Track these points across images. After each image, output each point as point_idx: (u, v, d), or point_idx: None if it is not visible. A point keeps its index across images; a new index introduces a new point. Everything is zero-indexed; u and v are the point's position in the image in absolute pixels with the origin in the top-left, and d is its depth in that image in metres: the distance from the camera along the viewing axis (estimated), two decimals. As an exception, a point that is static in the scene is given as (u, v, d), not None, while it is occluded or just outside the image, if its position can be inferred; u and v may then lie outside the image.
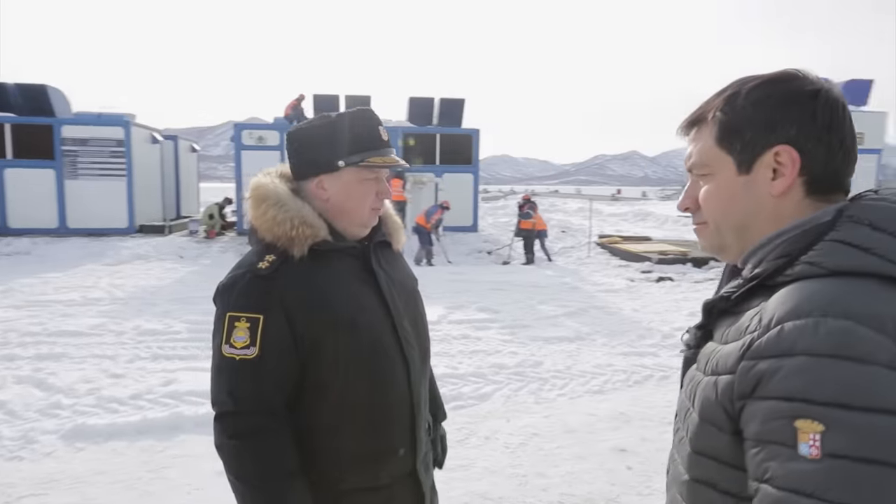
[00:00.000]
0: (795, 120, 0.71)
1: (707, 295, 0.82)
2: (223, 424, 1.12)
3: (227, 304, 1.15)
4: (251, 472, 1.10)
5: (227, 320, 1.13)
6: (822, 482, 0.55)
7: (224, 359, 1.12)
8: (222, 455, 1.12)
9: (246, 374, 1.11)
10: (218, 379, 1.14)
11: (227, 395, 1.12)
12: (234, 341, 1.12)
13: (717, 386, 0.68)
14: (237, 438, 1.10)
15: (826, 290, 0.62)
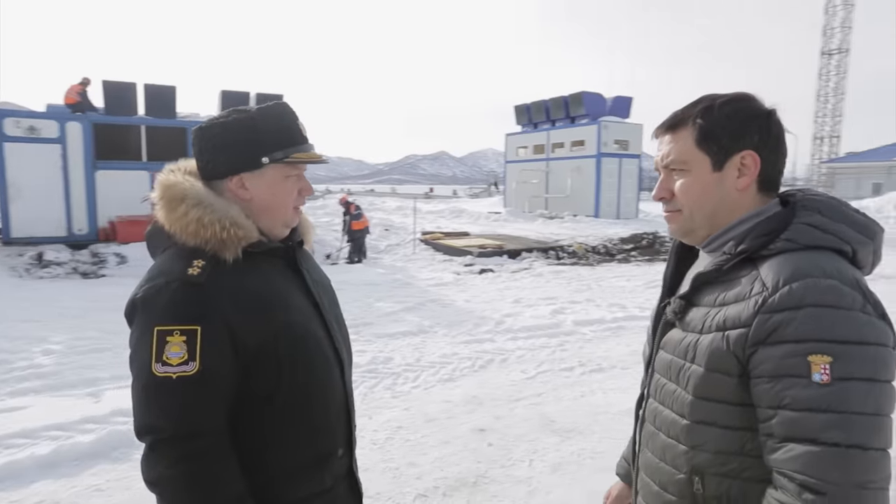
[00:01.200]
0: (757, 131, 0.92)
1: (523, 284, 0.99)
2: (162, 453, 0.99)
3: (152, 317, 1.02)
4: (205, 499, 0.99)
5: (156, 335, 1.00)
6: (835, 399, 0.75)
7: (156, 378, 0.99)
8: (163, 488, 0.99)
9: (187, 393, 1.00)
10: (149, 403, 1.01)
11: (165, 418, 0.99)
12: (167, 358, 1.00)
13: (729, 338, 0.84)
14: (182, 465, 0.99)
15: (810, 259, 0.83)
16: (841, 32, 36.53)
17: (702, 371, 0.88)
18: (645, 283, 9.22)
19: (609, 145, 21.87)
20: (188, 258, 1.07)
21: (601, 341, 5.71)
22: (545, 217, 21.60)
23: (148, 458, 1.00)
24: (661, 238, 14.51)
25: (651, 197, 1.09)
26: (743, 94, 0.99)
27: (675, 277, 1.13)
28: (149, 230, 1.22)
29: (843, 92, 37.36)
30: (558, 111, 23.88)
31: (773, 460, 0.81)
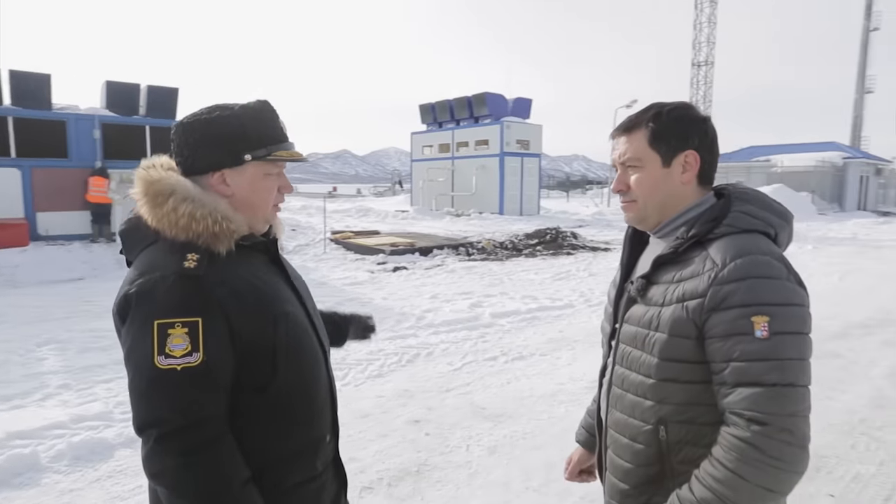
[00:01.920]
0: (697, 134, 1.10)
1: (438, 280, 1.12)
2: (170, 444, 0.99)
3: (151, 311, 1.01)
4: (212, 487, 1.00)
5: (157, 329, 1.00)
6: (773, 350, 0.93)
7: (160, 371, 0.99)
8: (172, 479, 0.99)
9: (193, 384, 1.01)
10: (152, 395, 1.00)
11: (171, 409, 1.00)
12: (170, 350, 1.00)
13: (688, 308, 1.01)
14: (192, 454, 1.00)
15: (747, 240, 1.01)
16: (707, 47, 40.83)
17: (665, 337, 1.05)
18: (552, 275, 9.75)
19: (511, 145, 22.77)
20: (180, 252, 1.07)
21: (519, 332, 6.01)
22: (452, 214, 22.06)
23: (154, 451, 1.00)
24: (563, 233, 15.38)
25: (611, 189, 1.26)
26: (685, 104, 1.18)
27: (630, 263, 1.30)
28: (125, 227, 1.20)
29: (711, 100, 41.75)
30: (462, 111, 24.45)
31: (725, 403, 0.99)
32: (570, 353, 5.21)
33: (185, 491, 1.00)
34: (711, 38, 40.69)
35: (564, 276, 9.72)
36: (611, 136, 1.23)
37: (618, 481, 1.17)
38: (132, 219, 1.19)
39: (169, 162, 1.21)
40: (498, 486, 2.89)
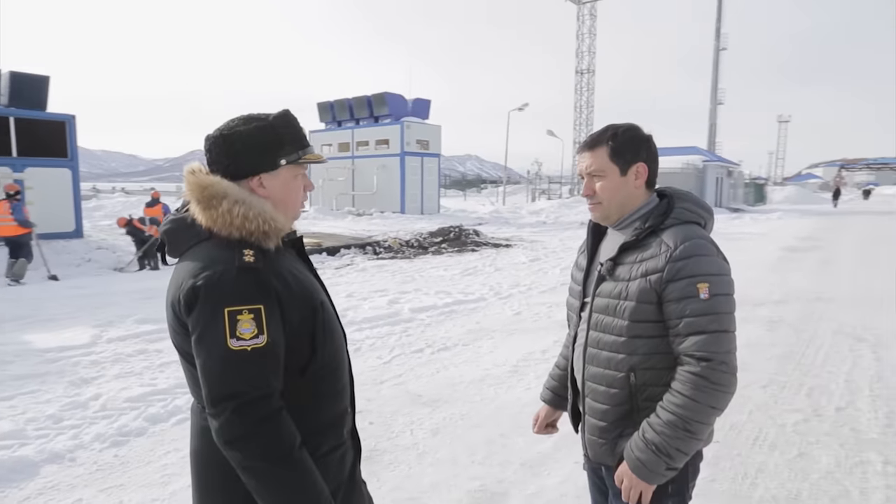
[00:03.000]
0: (645, 150, 1.41)
1: (351, 279, 1.36)
2: (246, 414, 1.13)
3: (221, 299, 1.14)
4: (283, 448, 1.15)
5: (227, 315, 1.13)
6: (712, 307, 1.25)
7: (234, 352, 1.13)
8: (246, 444, 1.13)
9: (261, 362, 1.15)
10: (228, 373, 1.13)
11: (245, 384, 1.13)
12: (241, 334, 1.14)
13: (650, 280, 1.31)
14: (262, 423, 1.14)
15: (689, 229, 1.33)
16: (588, 56, 44.04)
17: (633, 304, 1.37)
18: (461, 271, 10.18)
19: (412, 144, 23.13)
20: (237, 248, 1.20)
21: (439, 325, 6.30)
22: (354, 214, 21.96)
23: (230, 421, 1.13)
24: (466, 231, 15.96)
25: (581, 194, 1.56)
26: (633, 125, 1.50)
27: (593, 250, 1.61)
28: (170, 227, 1.30)
29: (592, 105, 45.07)
30: (362, 110, 24.39)
31: (680, 349, 1.32)
32: (491, 342, 5.60)
33: (258, 454, 1.14)
34: (592, 49, 43.98)
35: (472, 271, 10.19)
36: (577, 150, 1.53)
37: (597, 421, 1.48)
38: (177, 219, 1.29)
39: (202, 167, 1.32)
40: (446, 463, 3.15)
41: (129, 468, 3.15)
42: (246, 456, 1.15)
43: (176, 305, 1.20)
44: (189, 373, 1.31)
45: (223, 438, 1.15)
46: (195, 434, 1.35)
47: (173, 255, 1.32)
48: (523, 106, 33.09)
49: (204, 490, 1.34)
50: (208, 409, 1.16)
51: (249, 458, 1.15)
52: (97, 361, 4.90)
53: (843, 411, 3.84)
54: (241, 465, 1.16)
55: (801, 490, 2.87)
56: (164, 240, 1.33)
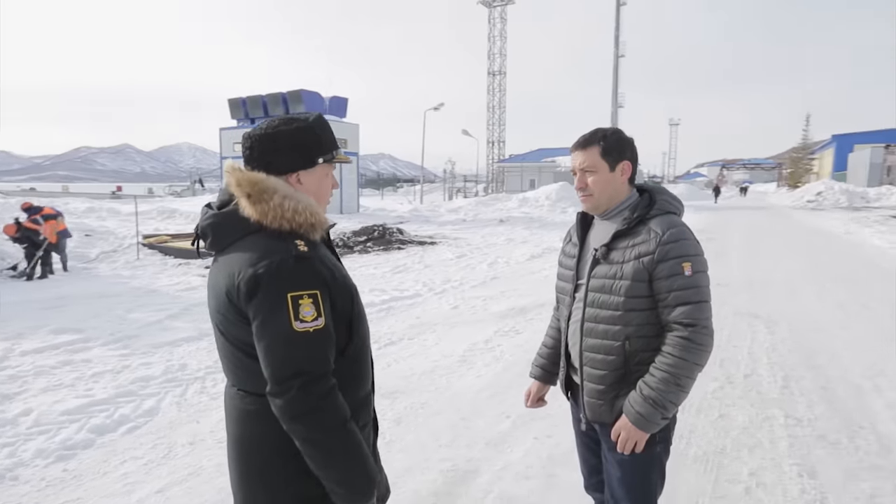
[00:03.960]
0: (630, 149, 1.66)
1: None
2: (311, 390, 1.23)
3: (283, 286, 1.23)
4: (339, 421, 1.27)
5: (290, 300, 1.23)
6: (694, 282, 1.51)
7: (298, 334, 1.23)
8: (313, 418, 1.23)
9: (322, 342, 1.26)
10: (294, 352, 1.23)
11: (310, 363, 1.24)
12: (303, 317, 1.24)
13: (643, 261, 1.54)
14: (328, 397, 1.25)
15: (671, 218, 1.59)
16: (500, 58, 45.44)
17: (629, 282, 1.60)
18: (391, 269, 10.27)
19: (330, 143, 22.79)
20: (287, 239, 1.30)
21: (381, 321, 6.39)
22: (272, 214, 21.24)
23: (297, 397, 1.22)
24: (390, 230, 16.01)
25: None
26: (619, 129, 1.74)
27: (583, 238, 1.82)
28: (214, 221, 1.36)
29: (504, 106, 46.55)
30: (277, 107, 23.61)
31: (669, 318, 1.58)
32: (434, 336, 5.79)
33: (320, 426, 1.25)
34: (503, 51, 45.41)
35: (402, 269, 10.31)
36: (571, 148, 1.75)
37: (596, 385, 1.70)
38: (222, 213, 1.36)
39: (240, 164, 1.40)
40: (415, 449, 3.29)
41: (84, 481, 3.01)
42: (310, 429, 1.25)
43: (233, 293, 1.27)
44: (233, 358, 1.37)
45: (289, 414, 1.24)
46: (237, 419, 1.41)
47: (215, 248, 1.38)
48: (439, 106, 33.57)
49: (248, 472, 1.40)
50: (272, 388, 1.25)
51: (313, 430, 1.25)
52: (16, 376, 4.53)
53: (750, 378, 4.42)
54: (304, 438, 1.26)
55: (725, 445, 3.32)
56: (204, 233, 1.39)
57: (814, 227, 18.98)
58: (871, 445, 3.34)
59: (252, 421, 1.37)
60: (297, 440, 1.27)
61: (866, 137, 46.35)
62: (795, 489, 2.85)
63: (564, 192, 28.89)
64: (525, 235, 16.51)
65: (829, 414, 3.77)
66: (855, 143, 46.69)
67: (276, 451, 1.35)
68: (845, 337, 5.62)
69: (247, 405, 1.38)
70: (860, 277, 9.17)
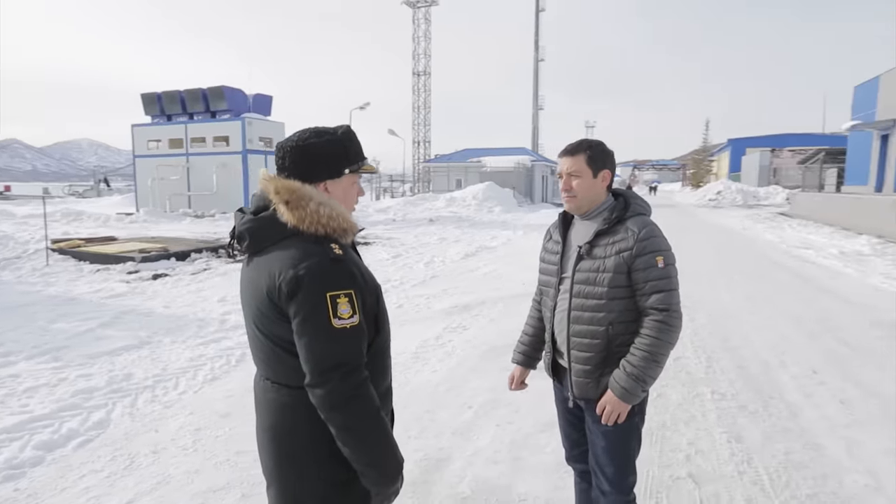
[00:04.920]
0: (610, 160, 1.88)
1: (216, 283, 1.87)
2: (350, 381, 1.34)
3: (322, 286, 1.34)
4: (374, 409, 1.39)
5: (329, 299, 1.34)
6: (667, 273, 1.76)
7: (337, 330, 1.34)
8: (352, 406, 1.34)
9: (358, 338, 1.38)
10: (334, 347, 1.34)
11: (349, 357, 1.35)
12: (341, 314, 1.35)
13: (623, 256, 1.77)
14: (363, 387, 1.37)
15: (644, 219, 1.83)
16: (424, 59, 45.79)
17: (611, 274, 1.83)
18: (329, 270, 10.20)
19: (255, 142, 22.02)
20: (322, 243, 1.41)
21: (328, 322, 6.40)
22: (192, 216, 20.30)
23: (338, 388, 1.33)
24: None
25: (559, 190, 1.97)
26: (601, 141, 1.97)
27: (564, 236, 2.04)
28: (252, 225, 1.44)
29: (430, 106, 46.95)
30: (196, 104, 22.52)
31: (646, 305, 1.82)
32: (385, 334, 5.88)
33: (357, 415, 1.37)
34: (428, 52, 45.77)
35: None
36: (559, 154, 1.96)
37: (582, 366, 1.92)
38: (260, 218, 1.44)
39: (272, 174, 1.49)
40: (385, 441, 3.41)
41: (42, 498, 2.88)
42: (348, 416, 1.36)
43: (274, 293, 1.36)
44: (271, 354, 1.45)
45: (329, 403, 1.35)
46: (271, 410, 1.49)
47: (252, 251, 1.47)
48: (365, 105, 33.33)
49: (282, 459, 1.49)
50: (313, 380, 1.35)
51: (351, 417, 1.36)
52: (-68, 396, 4.17)
53: (679, 360, 4.90)
54: (341, 425, 1.37)
55: (665, 420, 3.70)
56: (241, 236, 1.46)
57: (717, 224, 20.77)
58: (781, 412, 3.85)
59: (286, 411, 1.46)
60: (334, 428, 1.38)
61: (756, 142, 51.04)
62: (726, 453, 3.26)
63: (491, 191, 29.63)
64: (457, 234, 16.85)
65: (746, 388, 4.28)
66: (747, 147, 51.26)
67: (308, 438, 1.45)
68: (753, 322, 6.32)
69: (282, 396, 1.47)
70: (760, 269, 10.25)
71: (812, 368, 4.75)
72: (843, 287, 8.62)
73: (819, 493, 2.85)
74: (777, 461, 3.18)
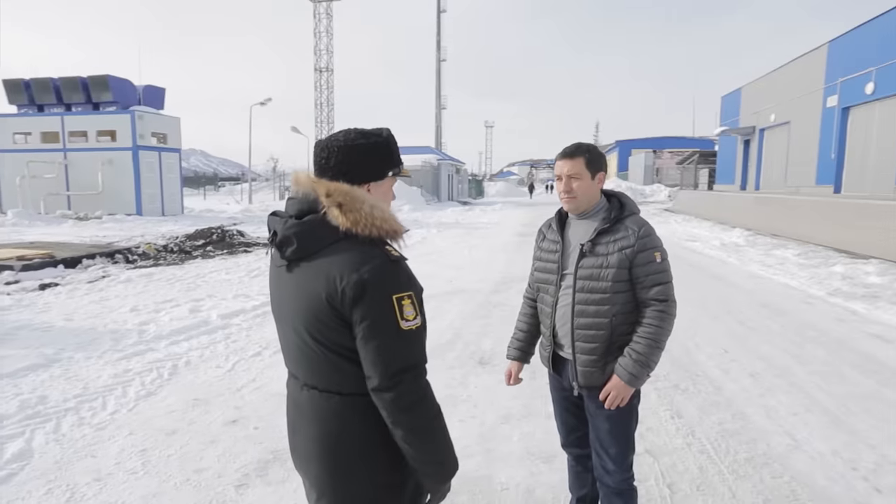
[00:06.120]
0: (605, 163, 2.02)
1: (119, 291, 2.10)
2: (419, 381, 1.34)
3: (387, 289, 1.32)
4: (438, 409, 1.40)
5: (395, 302, 1.32)
6: (665, 268, 1.92)
7: (405, 332, 1.33)
8: (422, 406, 1.34)
9: (422, 339, 1.38)
10: (405, 349, 1.33)
11: (418, 357, 1.35)
12: (406, 316, 1.34)
13: (625, 252, 1.90)
14: (429, 388, 1.37)
15: (640, 217, 1.98)
16: (327, 55, 44.67)
17: (614, 270, 1.95)
18: (246, 273, 9.72)
19: (146, 137, 20.27)
20: (378, 244, 1.39)
21: (260, 327, 6.11)
22: (74, 218, 18.36)
23: (411, 389, 1.33)
24: (229, 232, 14.97)
25: (558, 191, 2.08)
26: (595, 146, 2.10)
27: (562, 235, 2.14)
28: (300, 229, 1.38)
29: (333, 104, 45.92)
30: (75, 94, 20.28)
31: (647, 297, 1.96)
32: (325, 336, 5.74)
33: (426, 414, 1.37)
34: (330, 48, 44.69)
35: (257, 272, 9.83)
36: (557, 157, 2.06)
37: (588, 356, 2.03)
38: (309, 221, 1.38)
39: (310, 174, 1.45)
40: (353, 445, 3.36)
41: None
42: (419, 417, 1.36)
43: (335, 298, 1.32)
44: (325, 362, 1.40)
45: (401, 405, 1.33)
46: (322, 419, 1.44)
47: (300, 255, 1.41)
48: (266, 100, 31.96)
49: (335, 467, 1.44)
50: (383, 384, 1.33)
51: (421, 418, 1.36)
52: None
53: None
54: (411, 427, 1.36)
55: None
56: (288, 241, 1.40)
57: (614, 220, 22.29)
58: (707, 388, 4.29)
59: (339, 419, 1.43)
60: (401, 430, 1.36)
61: (640, 143, 55.46)
62: (672, 428, 3.58)
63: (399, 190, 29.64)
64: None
65: (674, 369, 4.70)
66: (632, 148, 55.56)
67: (363, 444, 1.43)
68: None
69: (333, 405, 1.42)
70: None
71: (723, 348, 5.32)
72: (730, 274, 9.69)
73: (754, 457, 3.23)
74: (715, 431, 3.55)
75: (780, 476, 3.02)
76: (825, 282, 8.69)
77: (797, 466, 3.12)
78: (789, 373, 4.65)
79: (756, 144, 23.92)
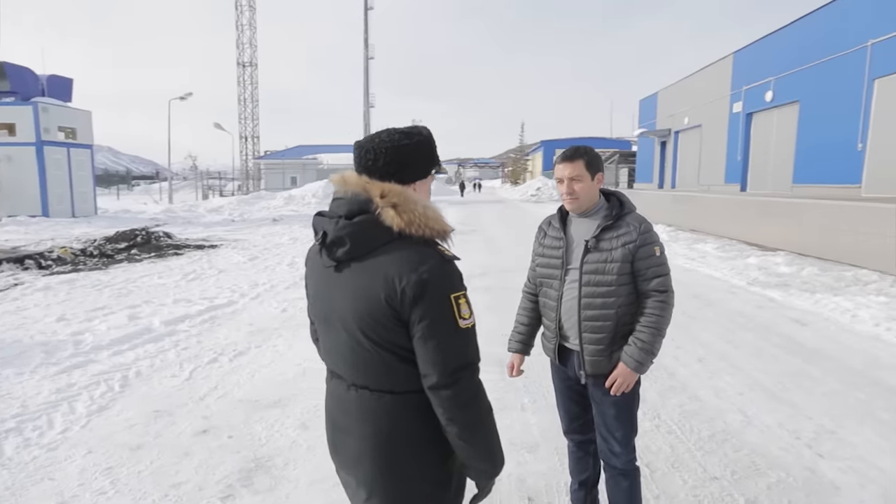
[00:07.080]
0: (602, 165, 2.12)
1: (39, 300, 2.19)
2: (475, 378, 1.37)
3: (445, 289, 1.34)
4: (490, 405, 1.43)
5: (453, 301, 1.35)
6: (663, 261, 2.05)
7: (463, 330, 1.35)
8: (479, 402, 1.37)
9: (475, 336, 1.41)
10: (464, 347, 1.35)
11: (475, 355, 1.38)
12: (463, 315, 1.36)
13: (629, 247, 2.02)
14: (482, 385, 1.41)
15: (639, 214, 2.11)
16: (250, 49, 42.88)
17: (619, 264, 2.07)
18: (181, 276, 9.22)
19: (52, 132, 18.61)
20: (431, 245, 1.40)
21: (210, 332, 5.84)
22: (-32, 221, 16.57)
23: (468, 386, 1.36)
24: (155, 234, 14.09)
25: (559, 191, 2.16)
26: (591, 148, 2.20)
27: (565, 232, 2.24)
28: (354, 230, 1.37)
29: (257, 99, 44.17)
30: (-36, 82, 18.29)
31: (648, 288, 2.09)
32: (283, 340, 5.57)
33: (482, 409, 1.40)
34: (253, 42, 42.95)
35: (194, 276, 9.35)
36: (556, 160, 2.15)
37: (595, 346, 2.13)
38: (362, 222, 1.37)
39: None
40: (336, 448, 3.31)
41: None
42: (474, 412, 1.39)
43: (394, 298, 1.33)
44: (379, 362, 1.40)
45: (459, 402, 1.35)
46: (373, 419, 1.43)
47: (353, 256, 1.40)
48: (186, 95, 30.27)
49: (387, 466, 1.44)
50: (442, 381, 1.34)
51: (476, 413, 1.39)
52: None
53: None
54: (467, 424, 1.38)
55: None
56: (340, 241, 1.39)
57: (543, 216, 23.06)
58: (662, 374, 4.58)
59: (390, 418, 1.43)
60: (456, 427, 1.38)
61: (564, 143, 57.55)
62: (639, 413, 3.79)
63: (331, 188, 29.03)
64: (308, 234, 16.28)
65: (629, 358, 4.97)
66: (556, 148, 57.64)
67: (414, 442, 1.44)
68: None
69: (384, 404, 1.43)
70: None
71: (669, 336, 5.69)
72: (661, 268, 10.31)
73: (715, 434, 3.50)
74: (677, 413, 3.81)
75: (740, 449, 3.30)
76: (743, 273, 9.47)
77: (752, 440, 3.42)
78: (729, 356, 5.06)
79: (672, 146, 25.55)
